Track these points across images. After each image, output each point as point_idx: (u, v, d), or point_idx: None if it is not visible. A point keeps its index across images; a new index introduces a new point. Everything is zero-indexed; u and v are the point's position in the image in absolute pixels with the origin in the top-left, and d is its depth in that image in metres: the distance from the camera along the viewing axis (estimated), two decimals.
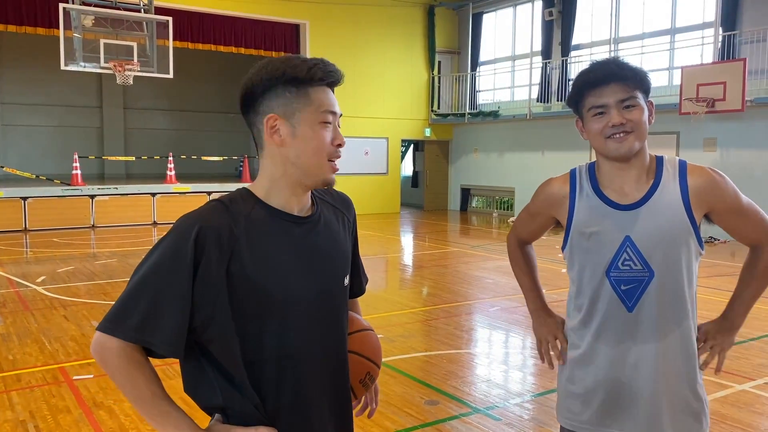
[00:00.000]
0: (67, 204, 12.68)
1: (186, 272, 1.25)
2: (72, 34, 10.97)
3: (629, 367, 1.70)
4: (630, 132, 1.65)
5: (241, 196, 1.39)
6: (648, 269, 1.66)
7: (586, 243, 1.73)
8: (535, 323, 1.99)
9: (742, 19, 11.43)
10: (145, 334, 1.25)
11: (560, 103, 14.75)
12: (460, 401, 3.99)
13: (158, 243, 1.31)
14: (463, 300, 6.93)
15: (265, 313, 1.33)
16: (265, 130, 1.36)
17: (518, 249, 2.07)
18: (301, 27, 15.59)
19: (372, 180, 16.76)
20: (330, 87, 1.41)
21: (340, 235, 1.52)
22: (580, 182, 1.79)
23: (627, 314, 1.69)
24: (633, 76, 1.66)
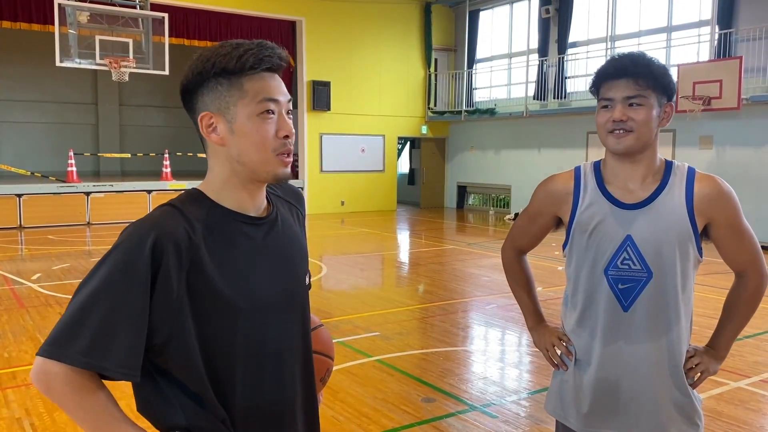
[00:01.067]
0: (63, 201, 12.64)
1: (141, 287, 1.14)
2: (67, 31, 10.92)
3: (622, 366, 1.70)
4: (630, 131, 1.63)
5: (193, 197, 1.28)
6: (646, 270, 1.66)
7: (587, 240, 1.72)
8: (534, 338, 1.96)
9: (739, 17, 11.45)
10: (95, 358, 1.12)
11: (556, 100, 14.76)
12: (456, 398, 3.99)
13: (106, 255, 1.18)
14: (460, 297, 6.94)
15: (230, 322, 1.24)
16: (202, 129, 1.27)
17: (516, 261, 2.01)
18: (298, 24, 15.55)
19: (368, 177, 16.75)
20: (271, 72, 1.27)
21: (297, 232, 1.44)
22: (585, 179, 1.77)
23: (622, 314, 1.69)
24: (647, 74, 1.63)
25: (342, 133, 16.23)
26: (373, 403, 3.85)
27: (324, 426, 2.99)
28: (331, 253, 10.22)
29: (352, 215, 15.52)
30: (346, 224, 13.80)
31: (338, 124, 16.11)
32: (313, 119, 15.73)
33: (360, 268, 8.79)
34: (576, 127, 14.15)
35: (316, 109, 15.59)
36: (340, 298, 6.93)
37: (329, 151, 16.04)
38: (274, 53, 1.25)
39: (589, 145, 13.93)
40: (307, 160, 15.71)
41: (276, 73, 1.28)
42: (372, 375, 4.39)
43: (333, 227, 13.26)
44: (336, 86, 15.83)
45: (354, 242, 11.40)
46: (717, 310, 1.85)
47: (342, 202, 16.25)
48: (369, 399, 3.92)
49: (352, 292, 7.23)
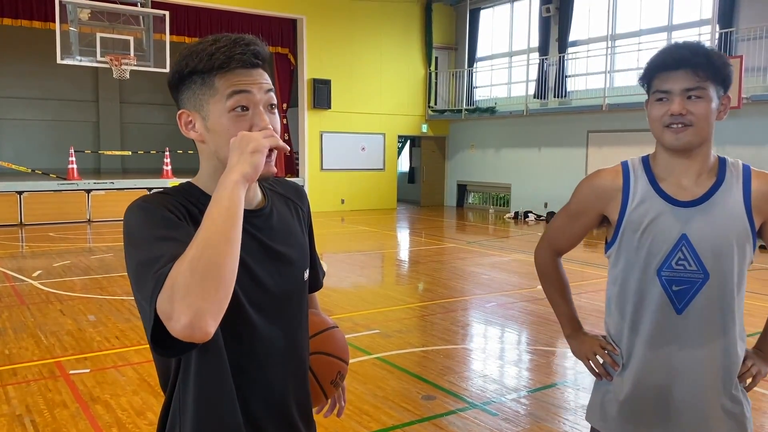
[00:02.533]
0: (63, 198, 12.65)
1: (180, 221, 1.15)
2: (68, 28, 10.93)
3: (673, 371, 1.61)
4: (689, 125, 1.54)
5: (185, 189, 1.28)
6: (703, 271, 1.57)
7: (639, 239, 1.62)
8: (572, 346, 1.84)
9: (739, 17, 11.45)
10: None
11: (557, 99, 14.76)
12: (456, 396, 4.00)
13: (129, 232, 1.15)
14: (460, 296, 6.95)
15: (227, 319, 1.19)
16: (181, 127, 1.26)
17: (552, 264, 1.87)
18: (299, 22, 15.55)
19: (368, 176, 16.75)
20: (246, 68, 1.22)
21: (295, 228, 1.41)
22: (635, 175, 1.66)
23: (675, 317, 1.59)
24: (707, 64, 1.52)
25: (342, 132, 16.23)
26: (374, 401, 3.86)
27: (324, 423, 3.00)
28: (332, 251, 10.23)
29: (353, 213, 15.53)
30: (347, 222, 13.81)
31: (339, 123, 16.11)
32: (314, 117, 15.73)
33: (360, 266, 8.80)
34: (576, 125, 14.15)
35: (316, 107, 15.59)
36: (341, 295, 6.94)
37: (329, 149, 16.04)
38: (246, 50, 1.20)
39: (590, 144, 13.93)
40: (308, 158, 15.71)
41: (255, 68, 1.23)
42: (372, 372, 4.40)
43: (333, 225, 13.27)
44: (336, 84, 15.82)
45: (354, 240, 11.42)
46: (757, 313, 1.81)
47: (342, 200, 16.26)
48: (369, 396, 3.93)
49: (352, 290, 7.24)
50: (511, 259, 9.33)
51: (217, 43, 1.21)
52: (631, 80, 13.43)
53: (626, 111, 12.91)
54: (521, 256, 9.51)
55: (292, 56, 15.66)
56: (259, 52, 1.23)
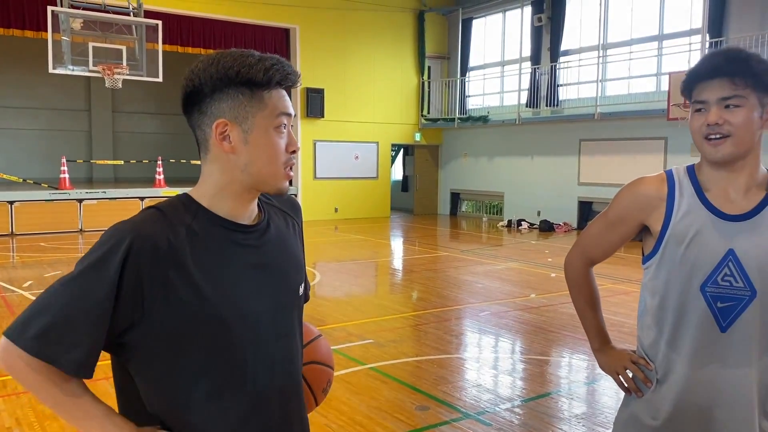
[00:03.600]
0: (55, 208, 12.58)
1: (107, 287, 1.12)
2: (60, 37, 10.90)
3: (714, 392, 1.53)
4: (727, 136, 1.47)
5: (181, 202, 1.25)
6: (750, 287, 1.50)
7: (683, 252, 1.54)
8: (601, 361, 1.77)
9: (729, 26, 11.55)
10: (44, 348, 1.12)
11: (549, 108, 14.83)
12: (450, 406, 3.99)
13: (87, 253, 1.17)
14: (453, 304, 6.94)
15: (211, 333, 1.20)
16: (214, 136, 1.23)
17: (584, 274, 1.78)
18: (291, 31, 15.58)
19: (362, 184, 16.76)
20: (287, 89, 1.29)
21: (291, 241, 1.40)
22: (680, 184, 1.58)
23: (719, 334, 1.51)
24: (744, 71, 1.45)
25: (336, 140, 16.24)
26: (367, 411, 3.84)
27: None
28: (325, 260, 10.21)
29: (346, 222, 15.51)
30: (340, 231, 13.79)
31: (332, 131, 16.13)
32: (307, 126, 15.74)
33: (353, 275, 8.78)
34: (568, 134, 14.21)
35: (309, 116, 15.61)
36: (334, 305, 6.92)
37: (323, 157, 16.05)
38: (294, 72, 1.27)
39: (582, 153, 13.99)
40: (301, 167, 15.70)
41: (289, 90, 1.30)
42: (365, 383, 4.38)
43: (326, 234, 13.25)
44: (330, 93, 15.85)
45: (347, 249, 11.40)
46: None
47: (335, 208, 16.25)
48: (363, 407, 3.91)
49: (345, 300, 7.22)
50: (504, 267, 9.33)
51: (267, 60, 1.23)
52: (623, 89, 13.52)
53: (618, 120, 12.98)
54: (515, 265, 9.51)
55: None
56: (299, 76, 1.29)
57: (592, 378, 4.63)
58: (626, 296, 7.05)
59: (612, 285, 7.55)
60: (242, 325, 1.23)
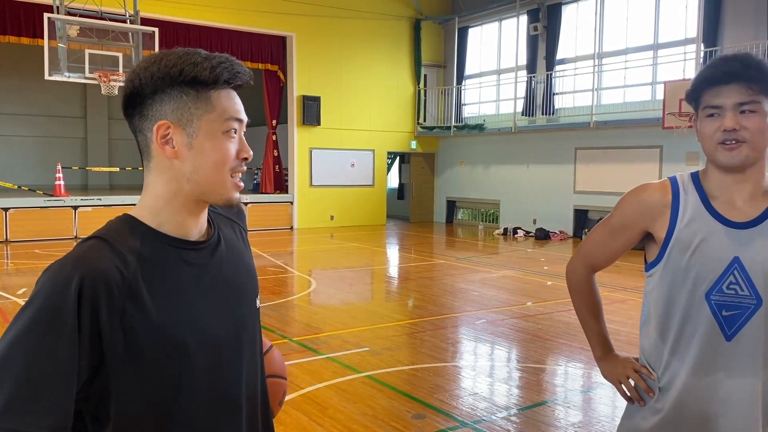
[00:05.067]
0: (50, 215, 12.54)
1: (68, 337, 1.01)
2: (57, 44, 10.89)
3: (718, 401, 1.51)
4: (743, 141, 1.46)
5: (124, 226, 1.15)
6: (756, 296, 1.48)
7: (687, 259, 1.52)
8: (603, 369, 1.75)
9: (723, 36, 11.63)
10: (13, 421, 0.98)
11: (545, 116, 14.88)
12: (446, 415, 3.97)
13: (26, 304, 1.04)
14: (449, 312, 6.92)
15: (177, 364, 1.12)
16: (155, 139, 1.13)
17: (587, 281, 1.77)
18: (288, 39, 15.61)
19: (358, 192, 16.76)
20: (236, 89, 1.19)
21: (243, 252, 1.32)
22: (685, 191, 1.57)
23: (724, 343, 1.49)
24: (760, 77, 1.45)
25: (332, 148, 16.25)
26: (363, 420, 3.82)
27: None
28: (321, 267, 10.19)
29: (342, 229, 15.50)
30: (336, 239, 13.78)
31: (328, 139, 16.13)
32: (303, 134, 15.75)
33: (349, 283, 8.76)
34: (564, 142, 14.25)
35: (306, 124, 15.62)
36: (330, 313, 6.90)
37: (319, 165, 16.05)
38: (244, 70, 1.18)
39: (577, 161, 14.03)
40: (297, 175, 15.70)
41: (238, 90, 1.20)
42: (361, 391, 4.36)
43: (322, 242, 13.23)
44: (326, 101, 15.87)
45: (343, 257, 11.38)
46: None
47: (331, 216, 16.24)
48: (358, 415, 3.89)
49: (341, 307, 7.20)
50: (500, 275, 9.33)
51: (213, 58, 1.15)
52: (618, 98, 13.58)
53: (613, 128, 13.03)
54: (511, 273, 9.51)
55: (281, 73, 15.69)
56: (250, 75, 1.20)
57: (588, 386, 4.62)
58: (622, 304, 7.05)
59: (608, 293, 7.55)
60: (206, 350, 1.16)
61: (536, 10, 14.99)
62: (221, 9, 14.33)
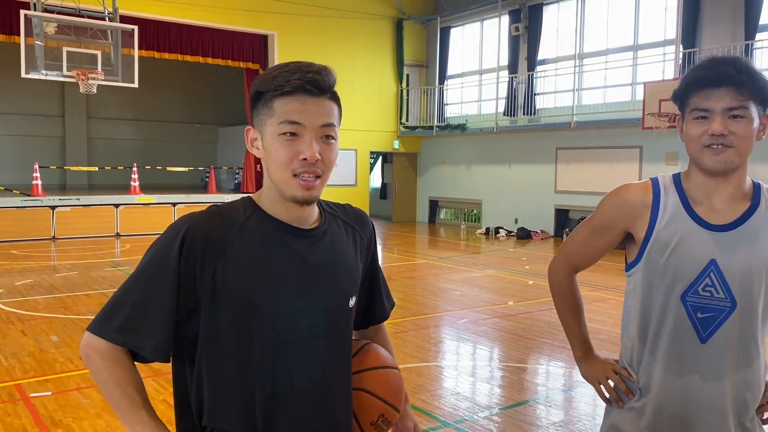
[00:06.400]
0: (27, 215, 12.34)
1: (170, 277, 1.23)
2: (34, 42, 10.73)
3: (692, 401, 1.52)
4: (730, 146, 1.45)
5: (242, 202, 1.35)
6: (731, 299, 1.48)
7: (665, 261, 1.52)
8: (583, 370, 1.75)
9: (702, 37, 11.77)
10: (128, 336, 1.24)
11: (526, 116, 14.95)
12: (428, 415, 3.97)
13: (151, 245, 1.30)
14: (432, 312, 6.93)
15: (249, 325, 1.26)
16: (247, 143, 1.35)
17: (569, 281, 1.77)
18: (270, 38, 15.53)
19: (340, 191, 16.70)
20: (307, 94, 1.28)
21: (348, 253, 1.40)
22: (665, 192, 1.57)
23: (699, 345, 1.50)
24: (751, 83, 1.44)
25: None
26: None
27: None
28: None
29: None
30: None
31: None
32: None
33: None
34: (545, 142, 14.34)
35: None
36: None
37: None
38: (305, 75, 1.26)
39: (558, 161, 14.12)
40: None
41: (316, 96, 1.28)
42: None
43: None
44: None
45: None
46: None
47: None
48: None
49: None
50: (482, 275, 9.35)
51: (284, 67, 1.29)
52: (599, 98, 13.69)
53: (594, 128, 13.13)
54: (493, 272, 9.54)
55: (262, 72, 15.62)
56: (317, 81, 1.28)
57: (569, 385, 4.64)
58: (603, 303, 7.10)
59: (589, 292, 7.61)
60: (282, 327, 1.28)
61: (518, 10, 15.07)
62: (202, 7, 14.20)
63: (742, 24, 11.16)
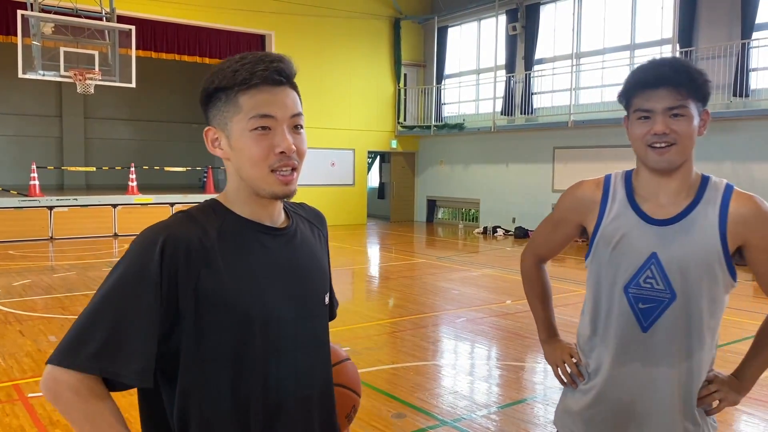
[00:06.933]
0: (25, 215, 12.33)
1: (152, 291, 1.13)
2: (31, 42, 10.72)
3: (636, 388, 1.60)
4: (672, 144, 1.51)
5: (210, 206, 1.27)
6: (670, 291, 1.55)
7: (610, 254, 1.61)
8: (545, 352, 1.88)
9: (698, 37, 11.79)
10: (106, 362, 1.10)
11: (524, 116, 14.97)
12: (427, 414, 3.98)
13: (120, 260, 1.18)
14: (430, 311, 6.94)
15: (239, 334, 1.19)
16: (207, 144, 1.27)
17: (535, 269, 1.89)
18: (267, 38, 15.53)
19: (338, 191, 16.73)
20: (276, 84, 1.22)
21: (317, 251, 1.40)
22: (614, 188, 1.65)
23: (641, 334, 1.58)
24: (689, 82, 1.52)
25: (312, 147, 16.15)
26: None
27: None
28: None
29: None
30: None
31: (308, 138, 15.65)
32: None
33: None
34: (543, 142, 14.36)
35: None
36: None
37: None
38: (270, 66, 1.20)
39: (556, 160, 14.14)
40: None
41: (283, 86, 1.23)
42: None
43: None
44: (305, 100, 15.29)
45: None
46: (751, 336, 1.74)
47: None
48: None
49: None
50: (480, 274, 9.37)
51: (242, 60, 1.21)
52: (596, 97, 13.71)
53: (591, 127, 13.15)
54: (491, 271, 9.56)
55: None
56: (282, 69, 1.22)
57: None
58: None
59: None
60: (267, 326, 1.23)
61: (515, 10, 15.08)
62: (199, 7, 14.20)
63: (739, 23, 11.17)
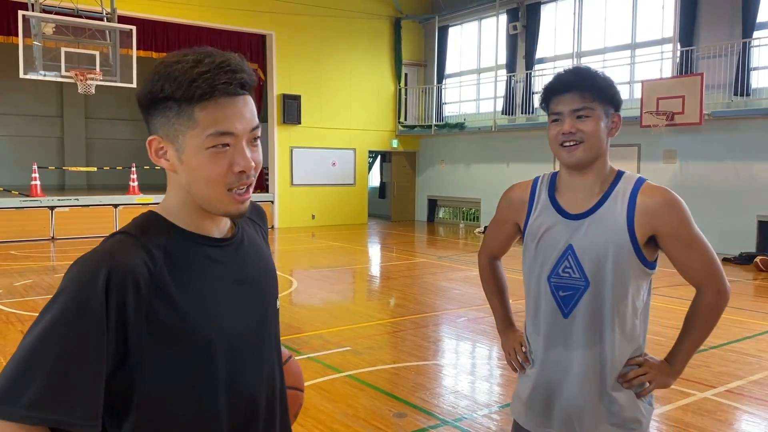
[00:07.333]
0: (26, 215, 12.35)
1: (97, 329, 1.01)
2: (32, 42, 10.72)
3: (561, 370, 1.75)
4: (580, 142, 1.68)
5: (150, 222, 1.14)
6: (584, 278, 1.71)
7: (535, 248, 1.79)
8: (502, 341, 2.03)
9: (699, 36, 11.78)
10: (49, 411, 0.98)
11: (524, 115, 14.96)
12: (428, 413, 3.98)
13: (55, 296, 1.04)
14: (431, 311, 6.94)
15: (199, 361, 1.11)
16: (150, 153, 1.13)
17: (488, 266, 2.10)
18: (268, 38, 15.53)
19: (339, 191, 16.73)
20: (236, 95, 1.10)
21: (265, 251, 1.32)
22: (540, 189, 1.84)
23: (562, 320, 1.74)
24: (591, 86, 1.69)
25: (313, 147, 16.20)
26: (344, 420, 3.82)
27: None
28: (302, 267, 10.16)
29: (323, 229, 15.46)
30: (317, 238, 13.74)
31: (309, 138, 16.09)
32: (284, 133, 15.68)
33: (331, 283, 8.75)
34: (543, 141, 14.28)
35: (286, 123, 15.55)
36: (311, 312, 6.88)
37: (300, 164, 16.00)
38: (233, 78, 1.07)
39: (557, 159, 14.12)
40: (278, 174, 15.63)
41: (243, 96, 1.11)
42: (343, 390, 4.36)
43: (303, 241, 13.19)
44: (306, 100, 15.82)
45: (325, 256, 11.35)
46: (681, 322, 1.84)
47: (313, 215, 16.19)
48: (340, 415, 3.89)
49: (322, 307, 7.18)
50: None
51: (198, 65, 1.06)
52: None
53: None
54: None
55: (261, 71, 15.61)
56: (246, 82, 1.10)
57: None
58: None
59: None
60: (228, 345, 1.15)
61: (515, 9, 15.08)
62: (200, 7, 14.21)
63: (740, 22, 11.16)
